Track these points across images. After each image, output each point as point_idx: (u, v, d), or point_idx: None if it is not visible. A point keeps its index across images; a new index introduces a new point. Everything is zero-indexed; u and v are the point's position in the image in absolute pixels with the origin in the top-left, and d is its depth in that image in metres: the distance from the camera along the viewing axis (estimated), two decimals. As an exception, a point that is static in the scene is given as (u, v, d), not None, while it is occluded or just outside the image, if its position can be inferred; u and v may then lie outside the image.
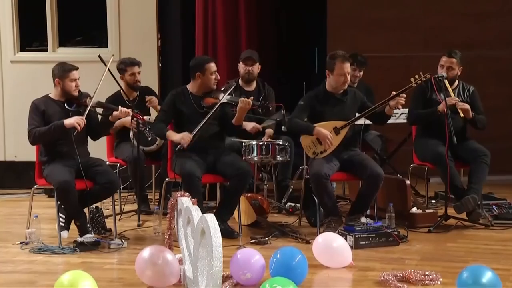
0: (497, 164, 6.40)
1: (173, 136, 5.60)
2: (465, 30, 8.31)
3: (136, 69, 6.65)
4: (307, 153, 5.82)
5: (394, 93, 5.58)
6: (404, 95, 5.58)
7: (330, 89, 5.79)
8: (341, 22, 8.43)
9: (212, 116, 5.66)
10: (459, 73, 6.13)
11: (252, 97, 5.72)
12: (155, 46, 8.23)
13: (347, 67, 5.69)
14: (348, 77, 5.73)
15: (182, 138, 5.51)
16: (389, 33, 8.42)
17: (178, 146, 5.53)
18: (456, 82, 6.18)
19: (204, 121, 5.57)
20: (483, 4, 8.39)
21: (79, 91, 5.51)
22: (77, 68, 5.49)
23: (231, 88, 5.90)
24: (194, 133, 5.53)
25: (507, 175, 8.25)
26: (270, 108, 6.39)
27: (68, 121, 5.25)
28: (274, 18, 9.03)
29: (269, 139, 6.23)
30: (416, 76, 5.72)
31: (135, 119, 5.98)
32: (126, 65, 6.65)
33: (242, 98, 5.62)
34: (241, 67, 6.75)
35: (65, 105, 5.42)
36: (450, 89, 6.04)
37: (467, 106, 5.95)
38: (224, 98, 5.70)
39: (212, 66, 5.74)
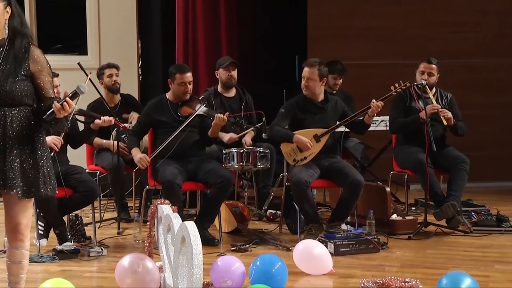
0: (476, 171, 6.46)
1: (135, 154, 5.65)
2: (443, 39, 8.39)
3: (113, 70, 6.66)
4: (287, 161, 5.84)
5: (374, 101, 5.61)
6: (381, 103, 5.61)
7: (310, 95, 5.81)
8: (321, 31, 8.46)
9: (192, 124, 5.66)
10: (436, 80, 6.18)
11: (227, 113, 5.70)
12: (135, 53, 8.22)
13: (305, 71, 5.75)
14: (308, 82, 5.74)
15: (139, 161, 5.58)
16: (369, 42, 8.47)
17: (136, 168, 5.64)
18: (434, 89, 6.23)
19: (174, 134, 5.59)
20: (461, 15, 8.50)
21: (59, 98, 5.46)
22: (57, 75, 5.46)
23: (203, 103, 5.81)
24: (153, 156, 5.59)
25: (486, 182, 8.33)
26: (245, 126, 6.37)
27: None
28: (254, 25, 9.04)
29: (250, 147, 6.22)
30: (396, 85, 5.77)
31: (116, 127, 5.95)
32: (103, 68, 6.71)
33: (218, 114, 5.61)
34: (222, 73, 6.73)
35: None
36: (431, 96, 6.09)
37: (449, 114, 5.99)
38: (200, 110, 5.70)
39: (181, 77, 5.72)
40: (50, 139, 5.16)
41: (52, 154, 5.08)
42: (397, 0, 8.58)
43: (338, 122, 5.81)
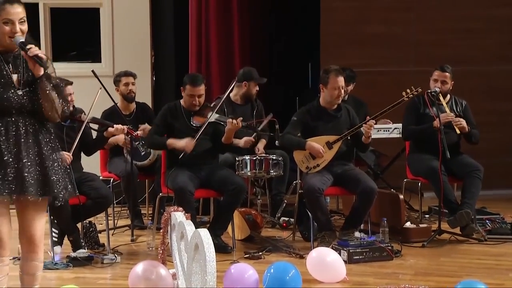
0: (490, 179, 6.43)
1: (176, 143, 5.60)
2: (454, 46, 8.37)
3: (130, 79, 6.68)
4: (300, 168, 5.84)
5: (368, 117, 5.61)
6: (373, 122, 5.59)
7: (324, 104, 5.81)
8: (334, 38, 8.46)
9: (204, 132, 5.66)
10: (451, 88, 6.17)
11: (241, 118, 5.72)
12: (148, 61, 8.24)
13: (341, 81, 5.72)
14: (342, 91, 5.76)
15: (186, 145, 5.53)
16: (381, 48, 8.46)
17: (182, 154, 5.53)
18: (448, 96, 6.22)
19: (203, 128, 5.58)
20: (470, 22, 8.48)
21: (74, 106, 5.52)
22: (71, 83, 5.50)
23: (215, 109, 5.78)
24: (197, 137, 5.54)
25: (500, 190, 8.28)
26: (258, 129, 6.38)
27: None
28: (267, 33, 9.06)
29: (263, 154, 6.22)
30: (408, 90, 5.77)
31: (129, 135, 5.96)
32: (120, 76, 6.72)
33: (230, 119, 5.62)
34: (253, 86, 6.67)
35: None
36: (444, 104, 6.08)
37: (463, 123, 5.97)
38: (212, 117, 5.70)
39: (191, 89, 5.70)
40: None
41: None
42: (408, 7, 8.58)
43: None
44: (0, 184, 3.37)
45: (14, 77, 3.46)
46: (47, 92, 3.40)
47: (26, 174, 3.39)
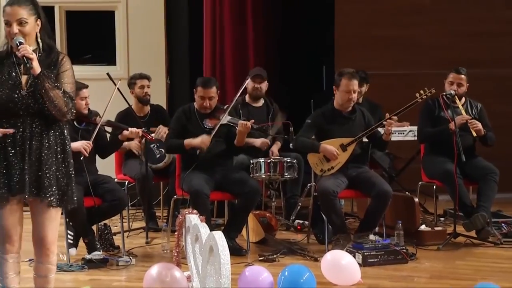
0: (506, 182, 6.39)
1: (192, 141, 5.62)
2: (467, 48, 8.33)
3: (145, 82, 6.71)
4: (314, 171, 5.84)
5: (388, 115, 5.60)
6: (395, 118, 5.58)
7: (338, 106, 5.81)
8: (349, 41, 8.47)
9: (217, 134, 5.68)
10: (466, 90, 6.15)
11: (252, 120, 5.73)
12: (163, 63, 8.27)
13: (353, 84, 5.71)
14: (355, 95, 5.75)
15: (202, 141, 5.54)
16: (395, 51, 8.45)
17: (198, 151, 5.55)
18: (463, 98, 6.20)
19: (218, 126, 5.60)
20: (484, 24, 8.44)
21: (89, 109, 5.54)
22: (87, 86, 5.52)
23: (227, 111, 5.79)
24: (213, 134, 5.57)
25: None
26: (269, 131, 6.39)
27: (75, 145, 5.07)
28: (281, 36, 9.06)
29: (277, 157, 6.23)
30: (421, 92, 5.76)
31: (143, 138, 5.98)
32: (135, 78, 6.74)
33: (241, 121, 5.63)
34: (250, 84, 6.76)
35: (75, 122, 5.41)
36: (460, 106, 6.06)
37: (479, 126, 5.95)
38: (224, 119, 5.71)
39: (201, 90, 5.73)
40: (80, 144, 5.21)
41: (81, 158, 5.15)
42: (422, 10, 8.55)
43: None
44: (6, 184, 3.43)
45: (24, 78, 3.48)
46: (45, 91, 3.40)
47: (26, 176, 3.43)
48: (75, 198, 3.61)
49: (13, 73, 3.48)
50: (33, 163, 3.46)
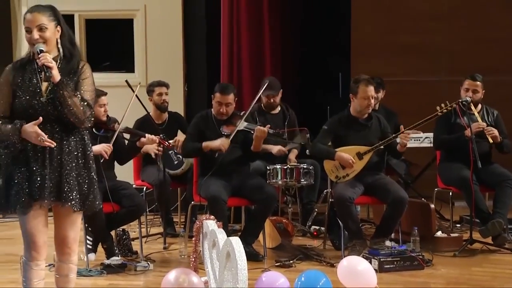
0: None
1: (211, 144, 5.66)
2: (484, 55, 8.31)
3: (163, 89, 6.77)
4: (329, 177, 5.86)
5: (402, 127, 5.62)
6: (410, 132, 5.59)
7: (355, 113, 5.83)
8: (365, 48, 8.49)
9: (234, 141, 5.72)
10: (482, 97, 6.16)
11: (268, 125, 5.76)
12: (181, 71, 8.33)
13: (371, 90, 5.74)
14: (372, 101, 5.78)
15: (222, 144, 5.59)
16: (411, 58, 8.46)
17: (217, 153, 5.60)
18: (480, 105, 6.21)
19: (236, 131, 5.65)
20: (501, 31, 8.42)
21: (107, 116, 5.61)
22: (106, 94, 5.58)
23: (244, 117, 5.83)
24: (231, 137, 5.61)
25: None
26: (285, 136, 6.43)
27: (95, 148, 5.16)
28: (298, 44, 9.10)
29: (294, 163, 6.27)
30: (442, 105, 5.75)
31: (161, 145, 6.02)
32: (154, 86, 6.80)
33: (258, 127, 5.67)
34: (263, 98, 6.79)
35: (93, 129, 5.46)
36: (476, 113, 6.07)
37: (495, 132, 5.96)
38: (241, 125, 5.76)
39: (219, 96, 5.77)
40: (101, 147, 5.27)
41: (101, 161, 5.21)
42: (439, 16, 8.55)
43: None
44: (28, 190, 3.48)
45: (44, 85, 3.54)
46: (64, 98, 3.45)
47: (47, 181, 3.48)
48: (97, 203, 3.65)
49: (34, 80, 3.54)
50: (54, 169, 3.51)
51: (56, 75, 3.45)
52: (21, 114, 3.51)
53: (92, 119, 3.58)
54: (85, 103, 3.50)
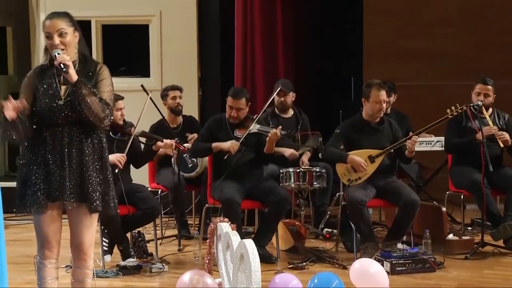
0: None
1: (221, 145, 5.73)
2: (494, 60, 8.29)
3: (177, 93, 6.84)
4: (342, 180, 5.91)
5: (411, 133, 5.67)
6: (417, 138, 5.65)
7: (367, 117, 5.88)
8: (377, 52, 8.51)
9: (247, 143, 5.79)
10: (493, 101, 6.19)
11: (280, 127, 5.82)
12: (195, 75, 8.38)
13: (383, 94, 5.79)
14: (384, 105, 5.83)
15: (231, 146, 5.66)
16: (422, 63, 8.47)
17: (227, 155, 5.66)
18: (491, 109, 6.24)
19: (246, 133, 5.72)
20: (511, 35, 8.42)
21: (124, 120, 5.69)
22: (122, 98, 5.65)
23: (255, 119, 5.90)
24: (241, 140, 5.68)
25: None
26: (297, 137, 6.49)
27: (109, 158, 5.26)
28: (310, 47, 9.16)
29: (306, 166, 6.32)
30: (452, 108, 5.79)
31: (177, 148, 6.09)
32: (167, 90, 6.88)
33: (272, 130, 5.73)
34: (275, 97, 6.86)
35: (110, 133, 5.53)
36: (487, 117, 6.10)
37: (507, 136, 5.99)
38: (254, 128, 5.82)
39: (230, 100, 5.84)
40: (115, 157, 5.32)
41: (116, 171, 5.28)
42: (449, 21, 8.54)
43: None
44: (45, 191, 3.55)
45: (63, 88, 3.61)
46: (83, 97, 3.50)
47: (67, 183, 3.55)
48: (112, 205, 3.70)
49: (54, 84, 3.62)
50: (73, 170, 3.57)
51: (73, 74, 3.52)
52: (41, 117, 3.59)
53: (112, 118, 3.65)
54: (104, 102, 3.56)
